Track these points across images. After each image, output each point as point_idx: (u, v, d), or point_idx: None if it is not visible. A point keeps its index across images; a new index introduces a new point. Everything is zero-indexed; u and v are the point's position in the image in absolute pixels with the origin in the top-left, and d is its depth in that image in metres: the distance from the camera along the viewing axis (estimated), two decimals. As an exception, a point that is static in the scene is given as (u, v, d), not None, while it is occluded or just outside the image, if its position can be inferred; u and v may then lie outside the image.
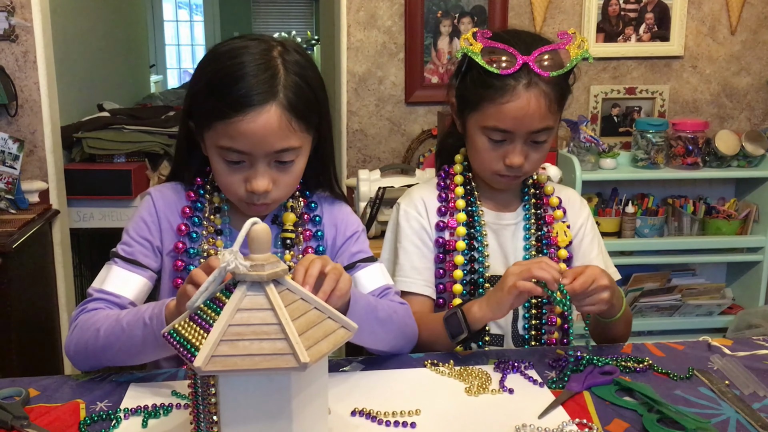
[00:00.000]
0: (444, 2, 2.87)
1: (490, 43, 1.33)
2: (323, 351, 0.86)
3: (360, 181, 2.51)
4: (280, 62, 1.16)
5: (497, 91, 1.31)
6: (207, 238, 1.28)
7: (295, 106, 1.15)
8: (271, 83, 1.13)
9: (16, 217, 2.44)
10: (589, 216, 1.51)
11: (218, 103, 1.14)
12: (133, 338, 1.12)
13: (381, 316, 1.22)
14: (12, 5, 2.52)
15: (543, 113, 1.31)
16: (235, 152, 1.16)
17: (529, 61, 1.29)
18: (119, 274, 1.24)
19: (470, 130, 1.39)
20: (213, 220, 1.29)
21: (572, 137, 2.78)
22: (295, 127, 1.16)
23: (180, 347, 0.86)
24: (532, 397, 1.13)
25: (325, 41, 3.76)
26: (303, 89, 1.17)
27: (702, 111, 3.10)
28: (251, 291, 0.86)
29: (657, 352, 1.31)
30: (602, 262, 1.46)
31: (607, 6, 2.95)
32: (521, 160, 1.34)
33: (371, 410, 1.07)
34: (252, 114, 1.12)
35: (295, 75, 1.16)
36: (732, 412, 1.08)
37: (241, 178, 1.19)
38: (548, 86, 1.31)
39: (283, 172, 1.20)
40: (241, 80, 1.13)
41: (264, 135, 1.14)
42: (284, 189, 1.23)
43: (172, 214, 1.29)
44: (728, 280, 3.10)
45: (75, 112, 3.35)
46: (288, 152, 1.18)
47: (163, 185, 1.34)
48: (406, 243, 1.46)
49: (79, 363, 1.20)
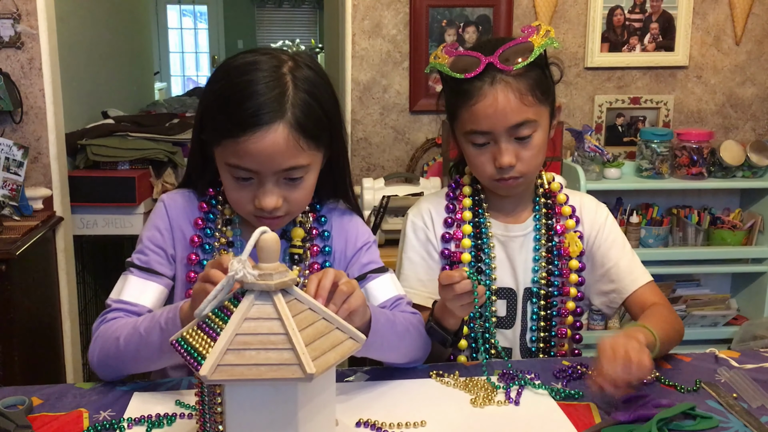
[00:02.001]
0: (449, 11, 2.87)
1: (456, 53, 1.34)
2: (330, 362, 0.86)
3: (364, 189, 2.50)
4: (290, 79, 1.15)
5: (467, 95, 1.31)
6: (219, 249, 1.28)
7: (304, 124, 1.14)
8: (279, 101, 1.13)
9: (19, 223, 2.43)
10: (608, 218, 1.46)
11: (227, 121, 1.14)
12: (151, 344, 1.12)
13: (400, 330, 1.22)
14: (18, 12, 2.53)
15: (515, 107, 1.30)
16: (243, 170, 1.16)
17: (492, 60, 1.30)
18: (136, 283, 1.25)
19: (459, 140, 1.40)
20: (224, 231, 1.29)
21: (577, 147, 2.78)
22: (303, 145, 1.15)
23: (187, 355, 0.86)
24: (538, 409, 1.12)
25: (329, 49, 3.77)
26: (312, 107, 1.16)
27: (707, 121, 3.09)
28: (259, 300, 0.86)
29: (664, 364, 1.30)
30: (627, 265, 1.42)
31: (612, 16, 2.96)
32: (510, 159, 1.32)
33: (376, 421, 1.06)
34: (259, 133, 1.12)
35: (305, 92, 1.15)
36: (740, 425, 1.07)
37: (249, 195, 1.19)
38: (516, 79, 1.30)
39: (293, 189, 1.19)
40: (250, 99, 1.12)
41: (271, 154, 1.13)
42: (295, 205, 1.22)
43: (185, 223, 1.29)
44: (733, 290, 3.09)
45: (79, 119, 3.35)
46: (296, 170, 1.17)
47: (175, 192, 1.33)
48: (412, 254, 1.46)
49: (103, 373, 1.20)
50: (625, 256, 1.43)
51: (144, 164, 3.05)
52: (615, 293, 1.41)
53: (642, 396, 1.13)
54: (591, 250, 1.44)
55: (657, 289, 1.43)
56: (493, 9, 2.87)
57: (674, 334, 1.32)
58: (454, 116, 1.37)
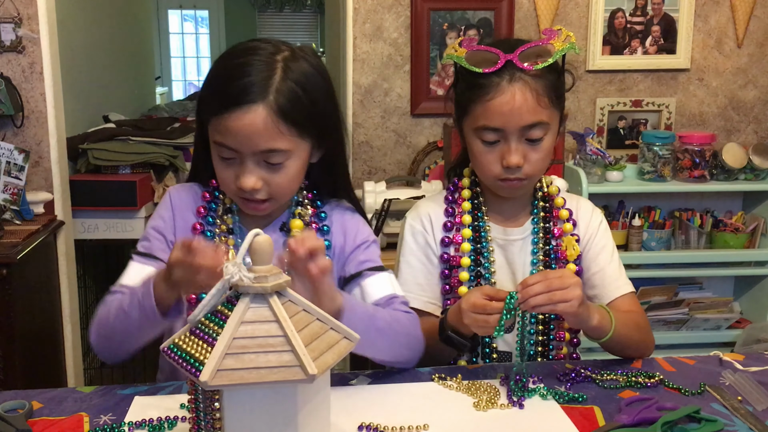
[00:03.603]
0: (450, 14, 2.87)
1: (474, 47, 1.34)
2: (329, 362, 0.85)
3: (366, 192, 2.50)
4: (281, 66, 1.18)
5: (483, 90, 1.31)
6: (220, 236, 1.31)
7: (285, 110, 1.17)
8: (264, 85, 1.16)
9: (20, 227, 2.43)
10: (601, 224, 1.47)
11: (214, 99, 1.19)
12: (132, 319, 1.14)
13: (380, 326, 1.20)
14: (19, 17, 2.53)
15: (531, 107, 1.30)
16: (226, 148, 1.20)
17: (512, 58, 1.29)
18: (136, 267, 1.28)
19: (466, 136, 1.39)
20: (225, 219, 1.32)
21: (578, 150, 2.77)
22: (282, 129, 1.17)
23: (183, 362, 0.84)
24: (541, 413, 1.12)
25: (330, 53, 3.76)
26: (298, 96, 1.18)
27: (709, 124, 3.09)
28: (255, 303, 0.85)
29: (668, 367, 1.29)
30: (613, 272, 1.42)
31: (614, 19, 2.95)
32: (519, 159, 1.32)
33: (378, 425, 1.05)
34: (239, 112, 1.16)
35: (293, 81, 1.18)
36: (745, 428, 1.06)
37: (232, 175, 1.22)
38: (534, 80, 1.30)
39: (273, 173, 1.21)
40: (238, 79, 1.17)
41: (249, 134, 1.17)
42: (276, 190, 1.23)
43: (188, 212, 1.33)
44: (736, 293, 3.08)
45: (81, 124, 3.35)
46: (275, 154, 1.19)
47: (181, 185, 1.38)
48: (410, 257, 1.45)
49: (101, 352, 1.24)
50: (612, 264, 1.44)
51: (145, 168, 3.05)
52: (596, 299, 1.41)
53: (646, 399, 1.13)
54: (582, 254, 1.44)
55: (636, 301, 1.44)
56: (495, 12, 2.87)
57: (637, 336, 1.34)
58: (465, 111, 1.36)
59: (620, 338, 1.28)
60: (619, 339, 1.28)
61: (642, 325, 1.37)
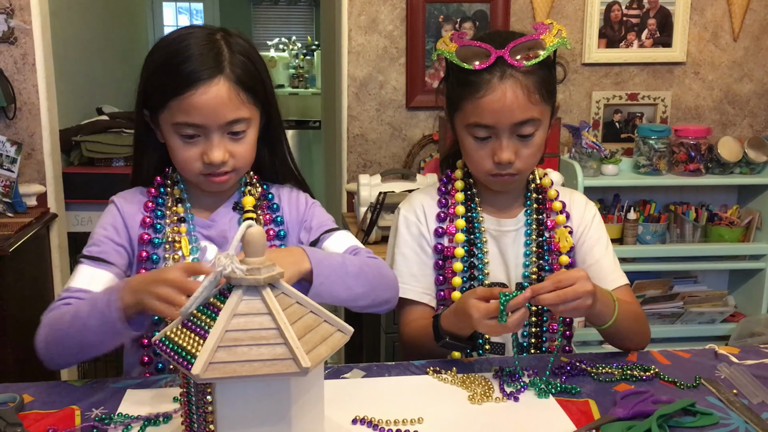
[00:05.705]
0: (445, 7, 2.85)
1: (464, 42, 1.33)
2: (322, 355, 0.84)
3: (360, 186, 2.49)
4: (224, 43, 1.24)
5: (474, 87, 1.30)
6: (171, 226, 1.31)
7: (242, 78, 1.23)
8: (216, 60, 1.22)
9: (13, 220, 2.42)
10: (595, 217, 1.47)
11: (170, 81, 1.21)
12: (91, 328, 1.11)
13: (352, 271, 1.24)
14: (11, 7, 2.51)
15: (522, 104, 1.29)
16: (191, 126, 1.22)
17: (503, 54, 1.28)
18: (86, 271, 1.26)
19: (458, 132, 1.38)
20: (175, 210, 1.33)
21: (574, 143, 2.76)
22: (243, 98, 1.23)
23: (174, 355, 0.84)
24: (536, 406, 1.11)
25: (326, 46, 3.75)
26: (248, 66, 1.25)
27: (704, 117, 3.08)
28: (247, 295, 0.85)
29: (663, 360, 1.29)
30: (608, 265, 1.42)
31: (610, 12, 2.94)
32: (510, 155, 1.31)
33: (372, 418, 1.05)
34: (203, 88, 1.20)
35: (240, 54, 1.25)
36: (741, 422, 1.06)
37: (197, 153, 1.24)
38: (525, 76, 1.29)
39: (237, 143, 1.26)
40: (189, 59, 1.21)
41: (215, 107, 1.21)
42: (240, 160, 1.27)
43: (138, 213, 1.32)
44: (730, 287, 3.08)
45: (74, 116, 3.33)
46: (239, 123, 1.24)
47: (125, 192, 1.37)
48: (405, 249, 1.44)
49: (50, 359, 1.20)
50: (607, 256, 1.44)
51: (139, 161, 3.03)
52: None
53: (641, 392, 1.12)
54: (576, 247, 1.44)
55: (631, 292, 1.44)
56: (490, 5, 2.85)
57: (635, 325, 1.34)
58: (456, 107, 1.35)
59: (620, 325, 1.28)
60: (619, 326, 1.28)
61: (639, 315, 1.38)
